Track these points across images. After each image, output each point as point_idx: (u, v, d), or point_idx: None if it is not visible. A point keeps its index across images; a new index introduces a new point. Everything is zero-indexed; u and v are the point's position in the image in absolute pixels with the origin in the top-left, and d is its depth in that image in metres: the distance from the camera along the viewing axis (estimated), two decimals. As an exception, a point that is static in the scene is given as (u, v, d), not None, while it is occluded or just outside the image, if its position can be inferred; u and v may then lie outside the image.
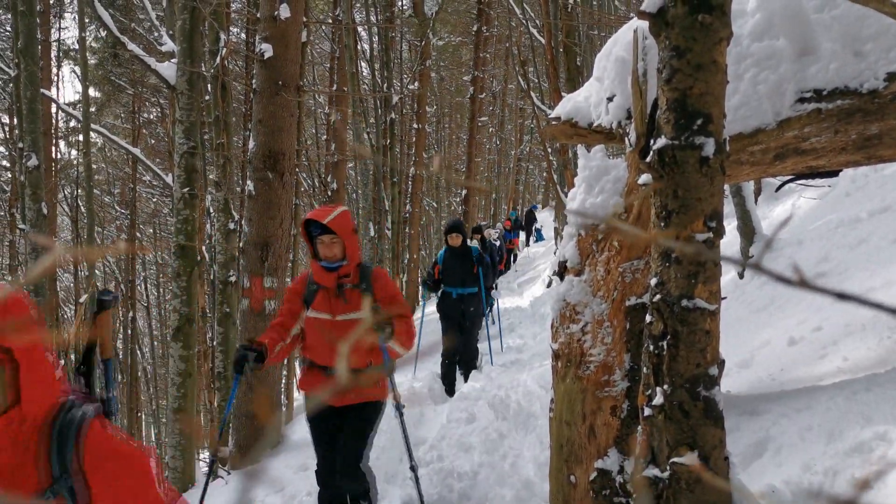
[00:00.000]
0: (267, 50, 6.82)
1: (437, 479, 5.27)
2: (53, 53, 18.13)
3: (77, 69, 18.79)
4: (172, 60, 8.01)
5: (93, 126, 13.50)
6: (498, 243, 19.72)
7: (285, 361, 16.09)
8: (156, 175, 14.93)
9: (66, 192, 21.41)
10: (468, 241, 9.54)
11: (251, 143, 7.13)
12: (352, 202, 22.16)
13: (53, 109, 16.49)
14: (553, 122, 4.02)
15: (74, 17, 18.29)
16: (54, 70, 18.44)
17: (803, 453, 2.99)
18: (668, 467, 2.22)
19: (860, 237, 6.33)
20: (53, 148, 17.64)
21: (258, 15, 7.44)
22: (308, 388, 4.38)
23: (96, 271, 13.63)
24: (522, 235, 30.24)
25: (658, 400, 2.24)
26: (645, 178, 2.32)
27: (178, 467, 6.97)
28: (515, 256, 26.63)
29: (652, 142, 2.27)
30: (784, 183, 4.62)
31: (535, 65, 16.23)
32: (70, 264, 20.14)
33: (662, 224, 2.22)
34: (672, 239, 2.15)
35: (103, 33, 19.36)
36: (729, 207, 7.22)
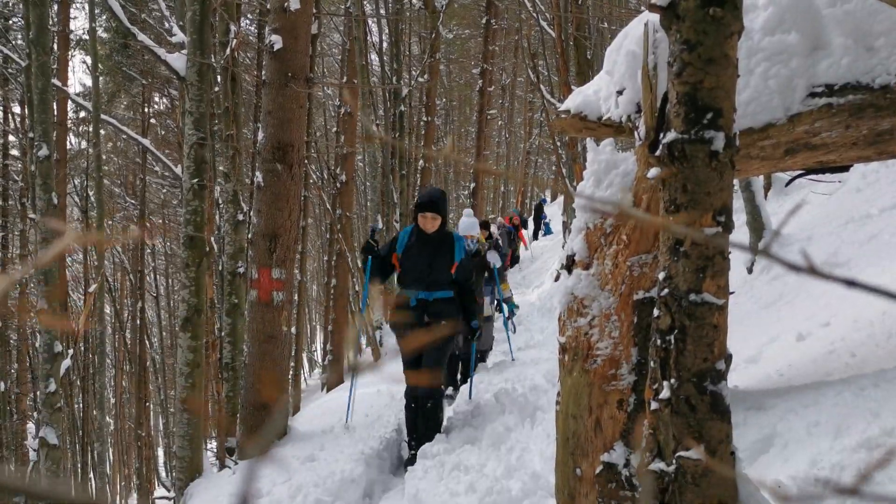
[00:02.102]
0: (277, 41, 6.83)
1: (443, 472, 5.28)
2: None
3: (87, 59, 18.85)
4: (182, 51, 8.02)
5: (103, 116, 13.54)
6: (500, 241, 17.68)
7: (293, 350, 16.11)
8: (165, 166, 14.96)
9: (75, 183, 21.49)
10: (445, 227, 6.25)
11: (260, 135, 7.14)
12: (360, 194, 22.18)
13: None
14: (562, 116, 4.02)
15: (84, 7, 18.34)
16: (64, 60, 18.46)
17: (810, 449, 2.98)
18: (674, 461, 2.22)
19: (870, 233, 6.31)
20: (67, 138, 17.70)
21: (268, 6, 7.44)
22: None
23: (105, 261, 13.69)
24: (526, 234, 26.24)
25: (665, 394, 2.24)
26: (654, 171, 2.32)
27: (185, 457, 7.00)
28: (517, 258, 23.32)
29: (661, 136, 2.27)
30: (794, 178, 4.61)
31: (545, 58, 16.19)
32: (80, 252, 20.22)
33: (671, 218, 2.21)
34: (681, 228, 2.15)
35: (113, 24, 19.40)
36: (738, 202, 7.21)
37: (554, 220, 28.35)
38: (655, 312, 2.30)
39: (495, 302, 10.39)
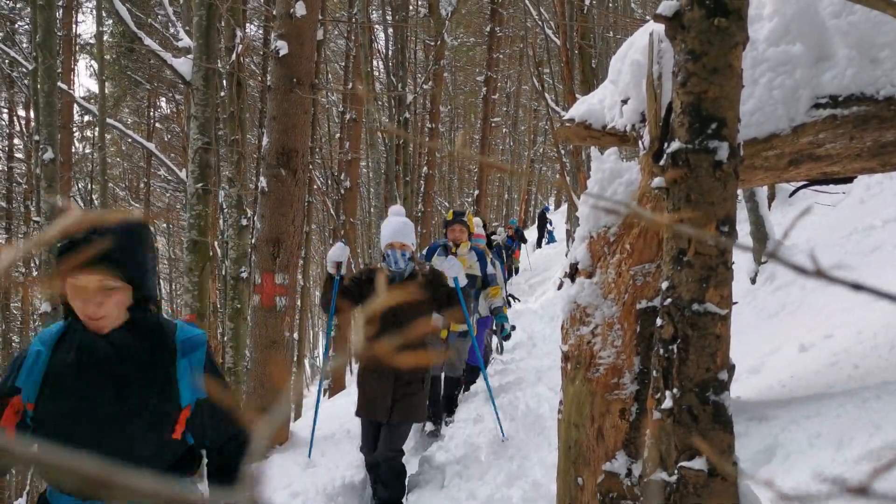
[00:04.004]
0: (282, 47, 6.84)
1: (445, 479, 5.28)
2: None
3: (93, 63, 18.93)
4: (188, 56, 8.05)
5: (108, 120, 13.57)
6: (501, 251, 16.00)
7: (295, 356, 16.07)
8: (170, 170, 15.00)
9: (80, 186, 21.54)
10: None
11: (265, 140, 7.16)
12: (364, 200, 22.20)
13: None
14: (567, 124, 4.02)
15: (92, 12, 18.45)
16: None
17: (812, 460, 2.98)
18: (675, 471, 2.22)
19: (874, 244, 6.30)
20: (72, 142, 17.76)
21: (274, 12, 7.47)
22: None
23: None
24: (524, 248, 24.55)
25: (667, 404, 2.24)
26: (658, 181, 2.32)
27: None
28: (517, 269, 22.53)
29: (666, 145, 2.27)
30: (798, 189, 4.61)
31: (550, 66, 16.21)
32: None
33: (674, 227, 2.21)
34: (688, 229, 2.15)
35: (120, 28, 19.48)
36: (742, 213, 7.20)
37: (557, 229, 28.28)
38: (658, 322, 2.30)
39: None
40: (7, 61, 16.46)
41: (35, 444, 2.02)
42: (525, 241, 24.53)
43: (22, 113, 19.71)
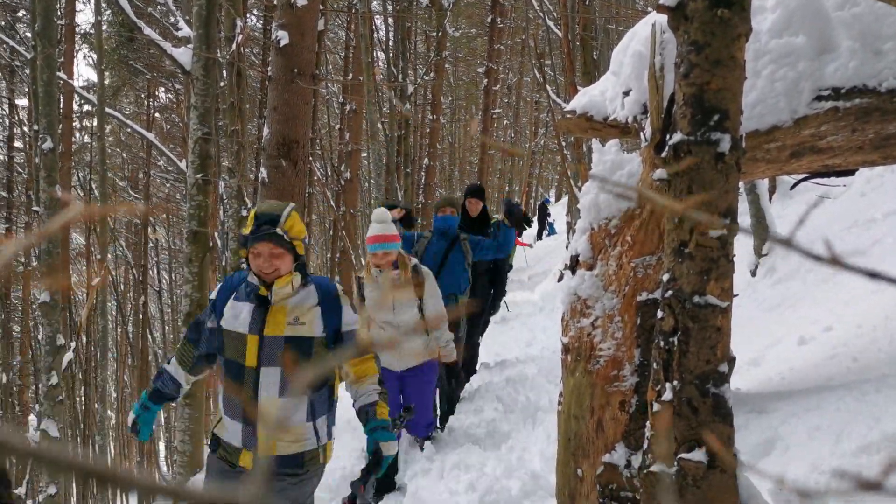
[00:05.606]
0: (283, 37, 6.82)
1: (444, 470, 5.28)
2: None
3: (92, 53, 18.89)
4: (188, 46, 8.02)
5: (107, 110, 13.54)
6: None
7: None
8: (170, 160, 14.99)
9: (79, 176, 21.51)
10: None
11: (265, 131, 7.14)
12: (364, 192, 22.20)
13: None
14: (568, 116, 4.01)
15: (90, 1, 18.38)
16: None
17: (811, 453, 2.98)
18: (675, 463, 2.22)
19: (874, 238, 6.29)
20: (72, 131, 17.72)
21: (275, 2, 7.45)
22: None
23: (109, 255, 13.71)
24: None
25: (667, 396, 2.23)
26: (659, 173, 2.31)
27: (186, 451, 7.01)
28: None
29: (667, 137, 2.26)
30: (799, 181, 4.60)
31: (552, 58, 16.17)
32: (83, 249, 20.20)
33: (676, 219, 2.21)
34: (691, 224, 2.15)
35: (119, 17, 19.42)
36: (743, 205, 7.18)
37: (558, 221, 28.23)
38: (659, 314, 2.30)
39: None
40: (8, 50, 16.43)
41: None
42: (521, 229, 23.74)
43: (23, 102, 19.68)
